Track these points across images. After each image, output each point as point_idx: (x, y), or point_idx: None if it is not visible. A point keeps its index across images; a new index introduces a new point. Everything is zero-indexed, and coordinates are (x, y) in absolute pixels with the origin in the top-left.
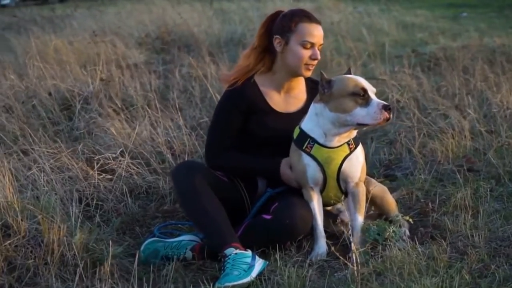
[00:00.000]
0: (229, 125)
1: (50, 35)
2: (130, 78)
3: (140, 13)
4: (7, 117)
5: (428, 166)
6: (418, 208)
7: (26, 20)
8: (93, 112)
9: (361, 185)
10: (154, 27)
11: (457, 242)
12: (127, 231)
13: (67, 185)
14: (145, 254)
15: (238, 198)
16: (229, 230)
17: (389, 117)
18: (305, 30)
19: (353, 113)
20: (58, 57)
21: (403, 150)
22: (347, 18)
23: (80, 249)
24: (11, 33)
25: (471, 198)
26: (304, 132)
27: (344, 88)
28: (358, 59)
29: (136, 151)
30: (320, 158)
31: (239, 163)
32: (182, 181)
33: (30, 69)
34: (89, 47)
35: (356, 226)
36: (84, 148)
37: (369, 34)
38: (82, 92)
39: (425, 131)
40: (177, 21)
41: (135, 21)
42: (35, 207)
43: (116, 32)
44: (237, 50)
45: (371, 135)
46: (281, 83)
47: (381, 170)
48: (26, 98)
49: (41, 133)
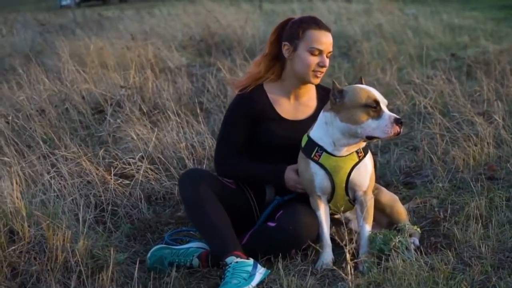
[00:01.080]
0: (237, 131)
1: (92, 37)
2: (165, 81)
3: (188, 15)
4: (39, 120)
5: (448, 174)
6: (431, 217)
7: (76, 21)
8: (124, 116)
9: (369, 194)
10: (200, 30)
11: (463, 252)
12: (138, 237)
13: (84, 190)
14: (151, 261)
15: (246, 205)
16: (231, 239)
17: (400, 131)
18: (313, 37)
19: (364, 125)
20: (98, 60)
21: (425, 157)
22: (395, 20)
23: (83, 256)
24: (59, 35)
25: (486, 207)
26: (313, 140)
27: (356, 99)
28: (395, 62)
29: (158, 156)
30: (328, 167)
31: (244, 171)
32: (187, 189)
33: (63, 72)
34: (130, 50)
35: (363, 235)
36: (105, 153)
37: (414, 36)
38: (114, 96)
39: (448, 138)
40: (222, 23)
41: (181, 24)
42: (43, 213)
43: (160, 34)
44: None
45: (397, 141)
46: (290, 90)
47: (401, 178)
48: (59, 101)
49: (68, 137)
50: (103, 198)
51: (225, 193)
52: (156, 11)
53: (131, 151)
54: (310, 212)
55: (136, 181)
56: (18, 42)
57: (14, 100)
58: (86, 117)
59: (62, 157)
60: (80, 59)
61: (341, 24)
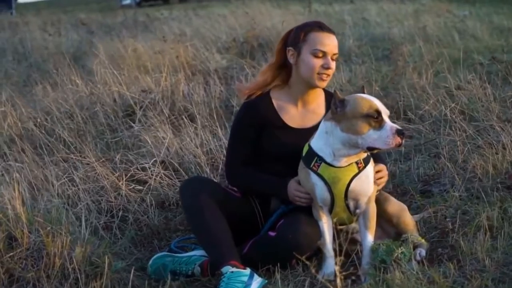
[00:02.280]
0: (244, 140)
1: (133, 39)
2: (199, 84)
3: (236, 16)
4: (68, 123)
5: (467, 183)
6: (441, 227)
7: (122, 22)
8: (149, 121)
9: (372, 204)
10: (244, 31)
11: (466, 265)
12: (145, 243)
13: (95, 196)
14: (152, 268)
15: (251, 214)
16: (229, 248)
17: (401, 143)
18: (316, 39)
19: (365, 135)
20: (135, 62)
21: (445, 165)
22: (442, 22)
23: (81, 263)
24: (106, 35)
25: (498, 218)
26: (313, 149)
27: (358, 109)
28: (433, 66)
29: (176, 162)
30: (327, 178)
31: (251, 183)
32: (188, 197)
33: (96, 75)
34: (168, 52)
35: (366, 246)
36: (124, 157)
37: (460, 39)
38: (144, 100)
39: (469, 145)
40: (266, 25)
41: (226, 25)
42: (45, 220)
43: (205, 36)
44: None
45: (420, 148)
46: (297, 97)
47: (419, 186)
48: (90, 104)
49: (92, 141)
50: (113, 204)
51: (229, 201)
52: (202, 12)
53: (145, 156)
54: (312, 222)
55: (150, 187)
56: (63, 42)
57: (46, 102)
58: (114, 120)
59: (79, 162)
60: (119, 61)
61: (387, 26)
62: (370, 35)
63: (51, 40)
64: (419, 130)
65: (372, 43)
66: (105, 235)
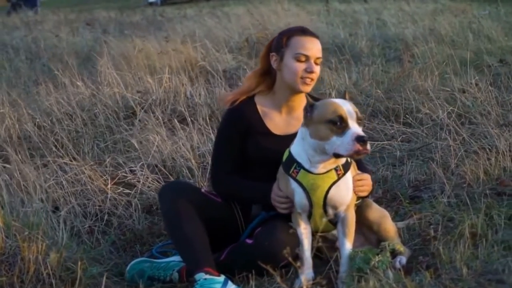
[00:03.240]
0: (228, 147)
1: (144, 38)
2: (204, 86)
3: (251, 15)
4: (68, 124)
5: (457, 189)
6: (424, 234)
7: (140, 21)
8: (147, 122)
9: (351, 211)
10: (257, 31)
11: (444, 274)
12: (128, 248)
13: (83, 199)
14: (130, 274)
15: (231, 220)
16: (204, 255)
17: (360, 149)
18: (298, 43)
19: (329, 141)
20: (142, 62)
21: (438, 170)
22: (458, 22)
23: (56, 268)
24: (119, 35)
25: (483, 226)
26: (292, 156)
27: (322, 114)
28: (439, 68)
29: (169, 165)
30: (306, 184)
31: (235, 190)
32: (166, 202)
33: (99, 75)
34: (176, 52)
35: (344, 254)
36: (113, 160)
37: (474, 40)
38: (144, 101)
39: (463, 150)
40: (280, 25)
41: (239, 25)
42: (23, 224)
43: (218, 35)
44: (333, 57)
45: (415, 153)
46: (282, 103)
47: (408, 191)
48: (91, 105)
49: (88, 143)
50: (97, 208)
51: (208, 206)
52: (222, 10)
53: (135, 160)
54: (290, 229)
55: (137, 190)
56: (77, 42)
57: (46, 103)
58: (113, 122)
59: (66, 165)
60: (127, 61)
61: (401, 26)
62: (384, 36)
63: (64, 40)
64: (417, 134)
65: (385, 44)
66: (87, 240)
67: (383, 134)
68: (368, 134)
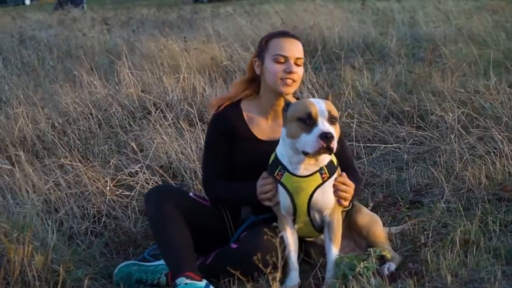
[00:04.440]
0: (216, 153)
1: (170, 37)
2: (223, 86)
3: (284, 13)
4: (82, 124)
5: (458, 194)
6: (417, 240)
7: (171, 19)
8: (156, 123)
9: (337, 216)
10: (288, 29)
11: (429, 281)
12: (121, 250)
13: (82, 201)
14: (117, 277)
15: (220, 223)
16: (186, 259)
17: (324, 146)
18: (276, 45)
19: (299, 139)
20: (167, 62)
21: (439, 174)
22: (492, 21)
23: (42, 270)
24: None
25: (477, 232)
26: (277, 157)
27: (293, 113)
28: (456, 70)
29: (173, 167)
30: (289, 187)
31: (224, 194)
32: (151, 206)
33: (116, 75)
34: (203, 51)
35: (330, 259)
36: (118, 161)
37: (506, 39)
38: (159, 102)
39: (467, 155)
40: (310, 23)
41: (269, 23)
42: (13, 225)
43: (246, 35)
44: (361, 56)
45: (424, 156)
46: (268, 109)
47: (409, 196)
48: (107, 105)
49: (97, 144)
50: (96, 210)
51: (196, 210)
52: (254, 9)
53: (137, 161)
54: (276, 235)
55: (136, 192)
56: (108, 40)
57: (63, 103)
58: (127, 123)
59: (69, 166)
60: (150, 60)
61: (433, 25)
62: (416, 35)
63: (95, 38)
64: (428, 137)
65: (415, 43)
66: (80, 242)
67: (394, 137)
68: (378, 137)
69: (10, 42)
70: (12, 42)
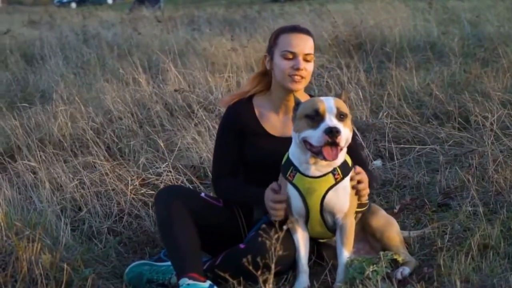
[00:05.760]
0: (227, 148)
1: (226, 36)
2: None
3: (346, 12)
4: (123, 123)
5: (488, 197)
6: (436, 245)
7: (241, 18)
8: (190, 122)
9: (350, 219)
10: (349, 28)
11: (438, 286)
12: (138, 250)
13: (104, 200)
14: (128, 277)
15: (233, 224)
16: (191, 260)
17: (329, 140)
18: (285, 40)
19: (304, 135)
20: (222, 61)
21: (469, 177)
22: None
23: (50, 269)
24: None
25: (497, 237)
26: (289, 158)
27: (302, 110)
28: (508, 70)
29: (205, 167)
30: (301, 188)
31: (232, 194)
32: (160, 206)
33: (160, 73)
34: (258, 50)
35: (341, 262)
36: (148, 160)
37: None
38: (203, 101)
39: (501, 158)
40: (372, 22)
41: (329, 22)
42: (27, 224)
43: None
44: (419, 56)
45: (461, 158)
46: (279, 104)
47: (439, 198)
48: (151, 103)
49: (133, 143)
50: (116, 209)
51: (208, 211)
52: (323, 8)
53: (164, 160)
54: (286, 235)
55: None
56: (169, 39)
57: (106, 101)
58: (168, 121)
59: (102, 165)
60: (204, 59)
61: (499, 25)
62: (479, 34)
63: (158, 37)
64: (470, 139)
65: (477, 43)
66: (98, 241)
67: (434, 138)
68: (418, 138)
69: (74, 40)
70: (77, 41)
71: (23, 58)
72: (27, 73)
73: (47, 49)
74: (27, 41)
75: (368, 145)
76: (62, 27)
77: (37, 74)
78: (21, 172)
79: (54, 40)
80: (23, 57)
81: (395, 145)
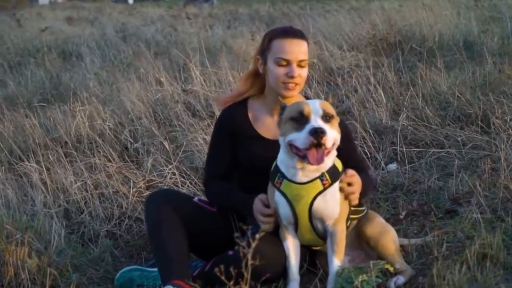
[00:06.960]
0: (220, 151)
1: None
2: None
3: (386, 10)
4: (142, 123)
5: (496, 204)
6: (436, 254)
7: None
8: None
9: (341, 225)
10: (388, 27)
11: None
12: (135, 254)
13: (107, 202)
14: (119, 282)
15: (226, 229)
16: (177, 266)
17: (315, 142)
18: (278, 46)
19: (289, 138)
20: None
21: (477, 183)
22: None
23: (37, 273)
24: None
25: (497, 247)
26: (277, 165)
27: (288, 113)
28: None
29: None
30: (289, 195)
31: (222, 199)
32: (149, 210)
33: (181, 73)
34: None
35: (331, 271)
36: (155, 162)
37: None
38: None
39: None
40: (410, 20)
41: (369, 20)
42: (17, 227)
43: (343, 32)
44: (455, 55)
45: (473, 164)
46: (273, 107)
47: (446, 205)
48: (173, 103)
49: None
50: (117, 212)
51: (198, 216)
52: (361, 6)
53: (170, 162)
54: (275, 242)
55: None
56: (206, 37)
57: (125, 101)
58: (186, 122)
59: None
60: (233, 58)
61: None
62: None
63: (195, 34)
64: (490, 142)
65: None
66: (94, 245)
67: (453, 141)
68: (437, 141)
69: (113, 38)
70: (117, 38)
71: (61, 55)
72: (62, 70)
73: (84, 46)
74: (67, 38)
75: (384, 148)
76: (103, 24)
77: (72, 71)
78: (28, 173)
79: (93, 37)
80: (61, 55)
81: (412, 148)
